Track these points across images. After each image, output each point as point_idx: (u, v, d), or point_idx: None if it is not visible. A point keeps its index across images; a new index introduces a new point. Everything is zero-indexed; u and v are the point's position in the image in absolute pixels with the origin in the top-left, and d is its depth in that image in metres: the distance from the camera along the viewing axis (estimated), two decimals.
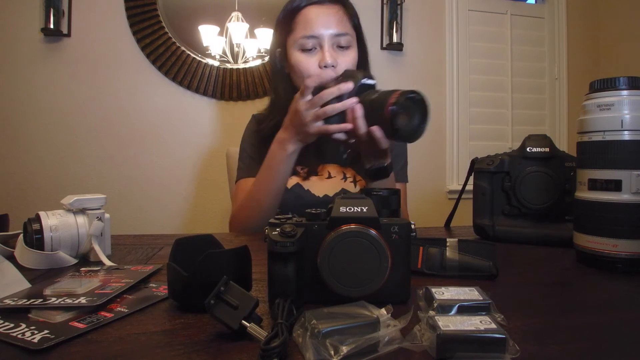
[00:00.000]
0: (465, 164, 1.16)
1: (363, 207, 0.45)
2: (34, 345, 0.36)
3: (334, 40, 0.98)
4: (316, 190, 1.03)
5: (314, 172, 1.05)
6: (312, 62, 0.98)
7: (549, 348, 0.37)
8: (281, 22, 1.03)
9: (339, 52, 0.99)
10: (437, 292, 0.45)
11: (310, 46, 0.98)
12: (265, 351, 0.33)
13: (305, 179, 1.04)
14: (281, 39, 1.03)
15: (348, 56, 1.00)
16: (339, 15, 0.99)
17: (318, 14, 0.98)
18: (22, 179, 2.07)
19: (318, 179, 1.05)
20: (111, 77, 2.14)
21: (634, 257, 0.60)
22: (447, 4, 2.52)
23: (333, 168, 1.07)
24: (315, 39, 0.97)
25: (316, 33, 0.97)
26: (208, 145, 2.24)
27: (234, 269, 0.47)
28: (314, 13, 0.98)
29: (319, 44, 0.98)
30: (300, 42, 0.98)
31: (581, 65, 2.69)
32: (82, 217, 0.68)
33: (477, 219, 0.88)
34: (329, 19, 0.98)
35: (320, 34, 0.97)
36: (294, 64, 1.00)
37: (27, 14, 2.04)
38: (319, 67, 0.97)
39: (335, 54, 0.98)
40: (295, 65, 1.00)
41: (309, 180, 1.04)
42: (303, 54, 0.99)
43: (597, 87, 0.64)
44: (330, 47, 0.98)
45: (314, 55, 0.98)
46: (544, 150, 0.83)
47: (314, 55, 0.98)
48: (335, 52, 0.99)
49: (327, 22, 0.97)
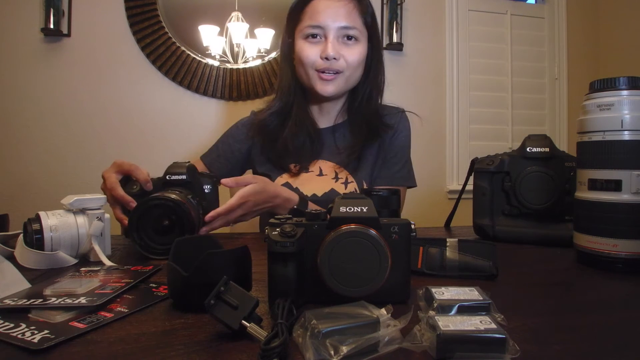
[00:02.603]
0: (465, 164, 1.16)
1: (363, 207, 0.45)
2: (34, 345, 0.36)
3: (339, 32, 0.98)
4: (305, 189, 1.02)
5: (306, 168, 1.04)
6: (314, 51, 0.98)
7: (549, 348, 0.37)
8: (292, 11, 1.04)
9: (343, 45, 0.99)
10: (437, 292, 0.45)
11: (315, 35, 0.98)
12: (265, 351, 0.33)
13: (295, 175, 1.04)
14: (290, 29, 1.04)
15: (353, 50, 0.99)
16: (348, 8, 0.99)
17: (327, 6, 0.98)
18: (22, 179, 2.07)
19: (308, 176, 1.04)
20: (111, 77, 2.14)
21: (634, 257, 0.60)
22: (447, 4, 2.52)
23: (326, 165, 1.06)
24: (321, 29, 0.98)
25: (322, 23, 0.97)
26: (208, 145, 2.22)
27: (234, 269, 0.47)
28: (324, 4, 0.98)
29: (324, 34, 0.98)
30: (306, 30, 0.99)
31: (581, 65, 2.69)
32: (82, 217, 0.68)
33: (477, 219, 0.88)
34: (338, 11, 0.98)
35: (326, 25, 0.97)
36: (297, 51, 1.01)
37: (27, 14, 2.04)
38: (320, 58, 0.98)
39: (339, 47, 0.98)
40: (298, 53, 1.00)
41: (299, 176, 1.04)
42: (307, 42, 0.99)
43: (597, 87, 0.64)
44: (334, 39, 0.98)
45: (317, 44, 0.99)
46: (544, 150, 0.83)
47: (317, 44, 0.99)
48: (339, 44, 0.98)
49: (335, 14, 0.97)
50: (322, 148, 1.06)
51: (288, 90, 1.06)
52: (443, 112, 2.53)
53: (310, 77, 1.00)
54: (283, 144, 1.04)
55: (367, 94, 1.07)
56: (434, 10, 2.52)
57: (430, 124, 2.41)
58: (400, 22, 2.39)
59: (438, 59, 2.53)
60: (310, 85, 1.02)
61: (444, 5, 2.53)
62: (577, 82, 2.64)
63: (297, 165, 1.04)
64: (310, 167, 1.05)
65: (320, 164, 1.06)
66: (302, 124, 1.05)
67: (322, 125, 1.10)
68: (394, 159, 1.08)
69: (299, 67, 1.02)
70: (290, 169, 1.04)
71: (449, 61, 2.54)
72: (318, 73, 0.99)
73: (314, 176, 1.04)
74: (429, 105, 2.48)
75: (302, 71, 1.02)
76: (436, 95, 2.52)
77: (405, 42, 2.42)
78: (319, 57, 0.98)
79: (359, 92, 1.07)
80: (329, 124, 1.11)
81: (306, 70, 1.00)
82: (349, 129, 1.09)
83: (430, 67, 2.52)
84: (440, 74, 2.54)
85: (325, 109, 1.09)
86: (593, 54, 2.72)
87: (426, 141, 2.41)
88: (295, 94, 1.06)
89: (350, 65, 1.00)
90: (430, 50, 2.52)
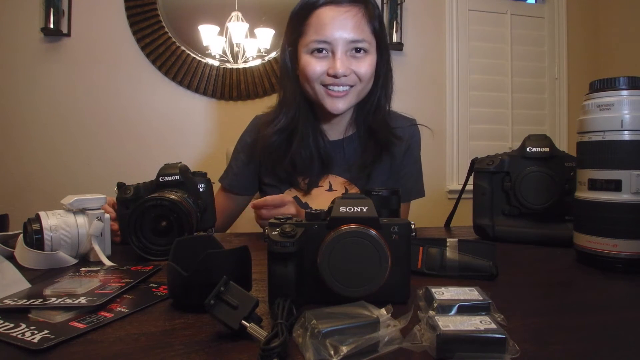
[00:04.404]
0: (465, 164, 1.15)
1: (363, 207, 0.45)
2: (34, 345, 0.36)
3: (348, 46, 0.92)
4: (314, 204, 0.99)
5: (315, 183, 1.01)
6: (321, 67, 0.92)
7: (549, 348, 0.37)
8: (295, 18, 0.96)
9: (352, 60, 0.92)
10: (437, 292, 0.45)
11: (321, 50, 0.92)
12: (265, 351, 0.33)
13: (306, 193, 1.01)
14: (292, 38, 0.97)
15: (363, 63, 0.93)
16: (357, 18, 0.91)
17: (334, 17, 0.91)
18: (22, 179, 2.07)
19: (318, 191, 1.01)
20: (111, 76, 2.14)
21: (634, 257, 0.60)
22: (447, 4, 2.52)
23: (336, 180, 1.02)
24: (328, 44, 0.91)
25: (329, 38, 0.90)
26: (208, 145, 2.24)
27: (234, 269, 0.47)
28: (330, 15, 0.91)
29: (331, 49, 0.92)
30: (312, 45, 0.92)
31: (581, 65, 2.69)
32: (82, 217, 0.68)
33: (477, 219, 0.87)
34: (346, 23, 0.90)
35: (333, 39, 0.90)
36: (302, 66, 0.94)
37: (27, 14, 2.04)
38: (328, 75, 0.92)
39: (348, 62, 0.92)
40: (303, 68, 0.94)
41: (309, 193, 1.01)
42: (313, 57, 0.93)
43: (597, 87, 0.63)
44: (343, 54, 0.91)
45: (324, 59, 0.92)
46: (544, 150, 0.82)
47: (324, 59, 0.92)
48: (348, 59, 0.92)
49: (343, 27, 0.90)
50: (331, 162, 1.02)
51: (293, 104, 0.98)
52: (443, 112, 2.53)
53: (317, 93, 0.94)
54: (291, 161, 0.99)
55: (376, 103, 1.01)
56: (434, 10, 2.52)
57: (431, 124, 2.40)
58: (400, 22, 2.39)
59: (438, 59, 2.53)
60: (318, 102, 0.96)
61: (444, 5, 2.53)
62: (577, 82, 2.64)
63: (305, 179, 1.01)
64: (320, 182, 1.02)
65: (331, 179, 1.02)
66: (310, 140, 0.99)
67: (332, 138, 1.05)
68: (408, 174, 1.07)
69: (305, 82, 0.96)
70: (298, 183, 1.00)
71: (449, 61, 2.54)
72: (326, 89, 0.93)
73: (324, 191, 1.01)
74: (429, 105, 2.48)
75: (308, 87, 0.96)
76: (436, 95, 2.52)
77: (405, 42, 2.42)
78: (327, 73, 0.92)
79: (368, 101, 1.01)
80: (339, 136, 1.05)
81: (312, 86, 0.94)
82: (359, 142, 1.04)
83: (430, 67, 2.52)
84: (440, 73, 2.54)
85: (334, 122, 1.03)
86: (593, 54, 2.72)
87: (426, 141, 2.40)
88: (300, 108, 0.99)
89: (363, 80, 0.94)
90: (430, 50, 2.52)
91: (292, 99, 0.98)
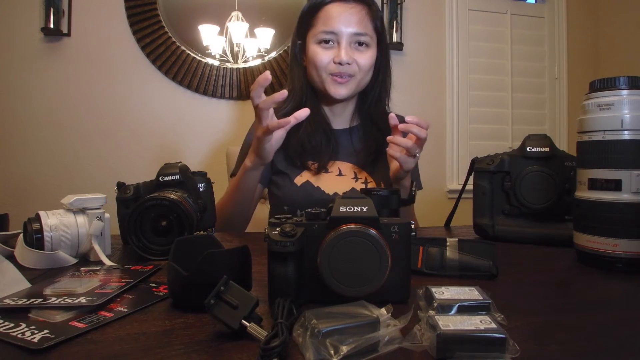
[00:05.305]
0: (465, 164, 1.16)
1: (363, 207, 0.45)
2: (34, 345, 0.36)
3: (352, 39, 1.01)
4: (326, 188, 1.04)
5: (324, 167, 1.06)
6: (327, 56, 1.01)
7: (549, 348, 0.37)
8: (305, 15, 1.07)
9: (355, 51, 1.02)
10: (437, 292, 0.45)
11: (327, 41, 1.01)
12: (265, 351, 0.33)
13: (316, 174, 1.05)
14: (302, 32, 1.07)
15: (365, 55, 1.03)
16: (361, 15, 1.02)
17: (340, 12, 1.01)
18: (22, 179, 2.07)
19: (328, 176, 1.06)
20: (111, 76, 2.14)
21: (634, 257, 0.60)
22: (447, 3, 2.52)
23: (345, 166, 1.08)
24: (334, 34, 1.01)
25: (335, 29, 1.00)
26: (208, 145, 2.24)
27: (234, 269, 0.47)
28: (337, 11, 1.01)
29: (337, 40, 1.01)
30: (319, 36, 1.02)
31: (581, 65, 2.69)
32: (82, 217, 0.68)
33: (477, 219, 0.88)
34: (351, 18, 1.00)
35: (339, 31, 1.00)
36: (310, 55, 1.03)
37: (27, 14, 2.04)
38: (333, 62, 1.00)
39: (351, 52, 1.01)
40: (311, 57, 1.03)
41: (320, 176, 1.05)
42: (320, 47, 1.02)
43: (597, 86, 0.63)
44: (347, 44, 1.01)
45: (330, 49, 1.01)
46: (544, 150, 0.83)
47: (330, 49, 1.01)
48: (352, 50, 1.01)
49: (348, 21, 1.00)
50: (338, 148, 1.08)
51: (300, 91, 1.08)
52: (443, 111, 2.53)
53: (323, 80, 1.03)
54: (300, 143, 1.06)
55: (376, 96, 1.11)
56: (434, 9, 2.52)
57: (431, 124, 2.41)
58: (400, 22, 2.39)
59: (438, 59, 2.53)
60: (322, 88, 1.05)
61: (444, 5, 2.53)
62: (577, 82, 2.65)
63: (314, 163, 1.05)
64: (329, 167, 1.07)
65: (339, 164, 1.08)
66: (317, 124, 1.07)
67: (338, 127, 1.13)
68: None
69: (312, 70, 1.04)
70: (308, 166, 1.06)
71: (449, 61, 2.54)
72: (331, 76, 1.02)
73: (334, 176, 1.06)
74: (429, 105, 2.48)
75: (315, 74, 1.04)
76: (436, 95, 2.52)
77: (405, 41, 2.42)
78: (332, 62, 1.01)
79: (369, 94, 1.11)
80: (345, 125, 1.14)
81: (319, 73, 1.03)
82: (364, 132, 1.12)
83: (430, 66, 2.52)
84: (440, 73, 2.54)
85: (337, 111, 1.12)
86: (593, 54, 2.72)
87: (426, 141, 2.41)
88: (307, 95, 1.08)
89: (362, 70, 1.03)
90: (430, 49, 2.52)
91: (299, 87, 1.08)
